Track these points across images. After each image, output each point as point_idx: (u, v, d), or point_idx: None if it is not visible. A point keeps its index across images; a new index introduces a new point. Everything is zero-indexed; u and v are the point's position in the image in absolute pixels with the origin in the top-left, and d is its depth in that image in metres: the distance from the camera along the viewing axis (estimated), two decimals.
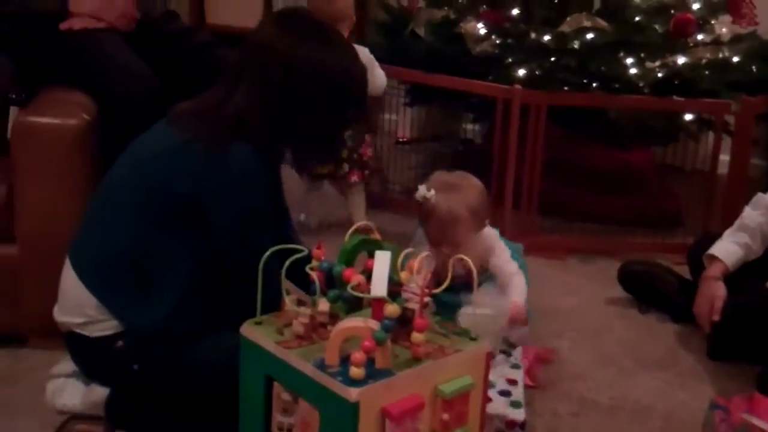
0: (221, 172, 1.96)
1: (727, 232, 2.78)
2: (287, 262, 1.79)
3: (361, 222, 1.99)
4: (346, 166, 3.41)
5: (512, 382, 2.34)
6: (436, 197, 2.46)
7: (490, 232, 2.60)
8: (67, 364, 2.18)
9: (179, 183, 1.98)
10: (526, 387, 2.38)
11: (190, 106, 2.08)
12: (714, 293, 2.68)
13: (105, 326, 2.05)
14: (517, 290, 2.53)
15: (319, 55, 2.00)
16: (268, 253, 1.78)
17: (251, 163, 1.97)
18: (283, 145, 2.11)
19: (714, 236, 2.89)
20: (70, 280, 2.08)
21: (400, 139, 4.41)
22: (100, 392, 2.14)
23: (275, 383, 1.78)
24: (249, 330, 1.84)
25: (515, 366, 2.42)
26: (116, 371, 2.08)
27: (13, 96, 2.60)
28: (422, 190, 2.47)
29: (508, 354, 2.47)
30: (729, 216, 3.13)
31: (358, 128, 3.44)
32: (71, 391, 2.16)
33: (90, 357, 2.11)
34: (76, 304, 2.06)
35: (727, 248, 2.74)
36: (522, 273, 2.58)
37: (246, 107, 1.99)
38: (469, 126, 4.41)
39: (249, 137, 1.98)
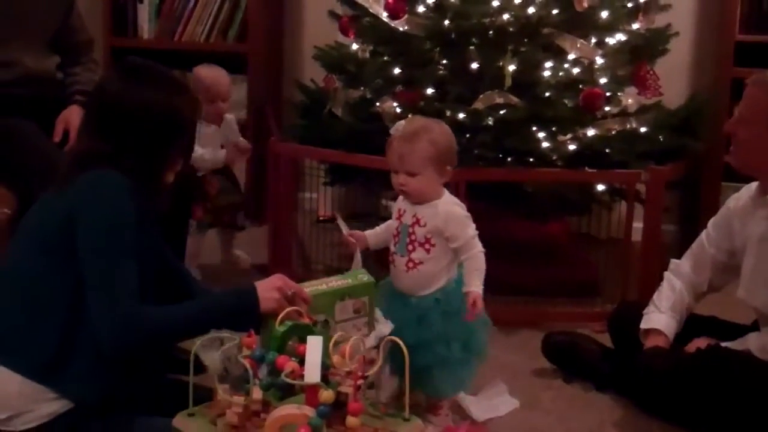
0: (85, 187, 2.10)
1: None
2: (221, 351, 1.81)
3: (290, 308, 2.01)
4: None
5: None
6: (403, 125, 2.53)
7: (458, 209, 2.56)
8: None
9: (57, 215, 2.10)
10: None
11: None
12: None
13: (30, 417, 2.03)
14: (478, 275, 2.47)
15: (147, 94, 2.17)
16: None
17: (109, 181, 2.10)
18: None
19: (632, 304, 2.96)
20: None
21: (321, 218, 4.45)
22: None
23: None
24: (182, 422, 1.83)
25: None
26: None
27: None
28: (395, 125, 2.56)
29: None
30: (645, 281, 3.22)
31: None
32: None
33: None
34: None
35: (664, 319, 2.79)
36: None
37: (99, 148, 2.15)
38: (390, 203, 4.44)
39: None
